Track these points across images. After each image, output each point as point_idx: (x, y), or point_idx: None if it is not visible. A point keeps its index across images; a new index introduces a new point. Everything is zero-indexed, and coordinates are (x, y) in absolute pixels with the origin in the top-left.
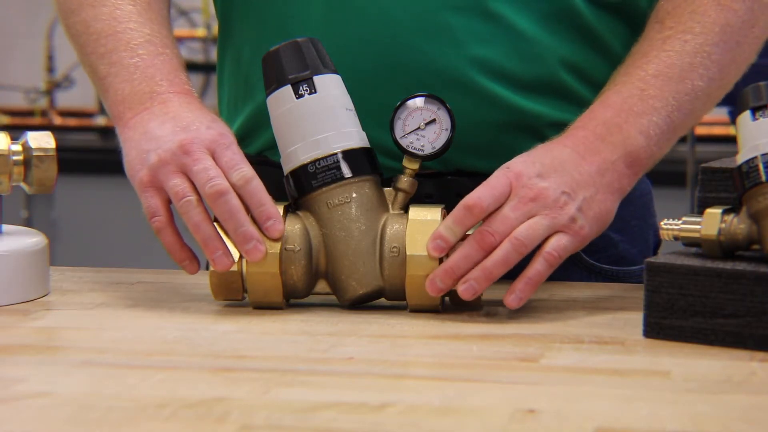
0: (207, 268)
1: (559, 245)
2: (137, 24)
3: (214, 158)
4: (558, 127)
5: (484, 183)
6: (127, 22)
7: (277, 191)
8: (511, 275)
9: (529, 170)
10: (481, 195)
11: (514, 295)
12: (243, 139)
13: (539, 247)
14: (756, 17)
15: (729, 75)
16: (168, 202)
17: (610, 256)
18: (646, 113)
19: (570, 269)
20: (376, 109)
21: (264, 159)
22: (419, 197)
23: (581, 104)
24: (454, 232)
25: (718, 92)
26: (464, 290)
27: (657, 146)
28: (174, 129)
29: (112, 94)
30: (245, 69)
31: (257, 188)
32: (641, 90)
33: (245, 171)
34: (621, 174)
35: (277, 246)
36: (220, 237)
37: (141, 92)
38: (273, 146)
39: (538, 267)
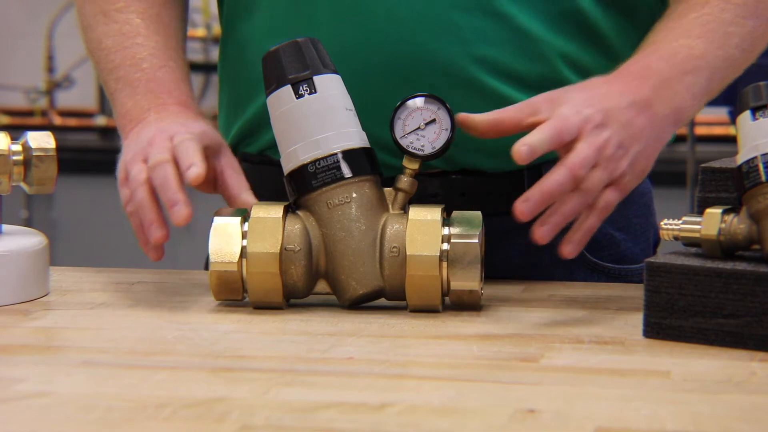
0: (207, 268)
1: (609, 201)
2: (143, 38)
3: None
4: None
5: (559, 118)
6: (134, 37)
7: (278, 190)
8: (511, 270)
9: (594, 118)
10: (561, 126)
11: (572, 245)
12: (245, 138)
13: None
14: None
15: (757, 50)
16: None
17: (612, 255)
18: (692, 72)
19: (573, 268)
20: (382, 108)
21: (266, 158)
22: (425, 197)
23: None
24: (543, 147)
25: (745, 65)
26: (542, 233)
27: (697, 107)
28: (154, 131)
29: (118, 108)
30: (248, 69)
31: (187, 146)
32: (689, 48)
33: (184, 136)
34: (666, 130)
35: (277, 246)
36: (157, 209)
37: (141, 107)
38: (275, 145)
39: (593, 220)
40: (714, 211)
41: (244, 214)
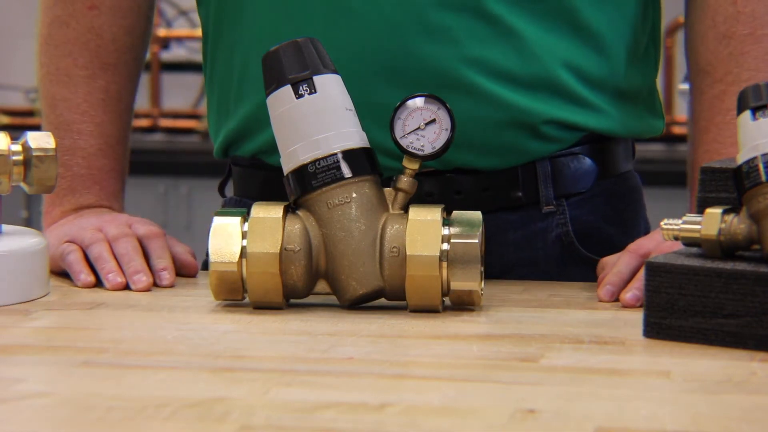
0: (206, 269)
1: None
2: (95, 126)
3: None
4: (555, 124)
5: (619, 267)
6: (84, 123)
7: (270, 193)
8: (510, 274)
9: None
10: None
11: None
12: (235, 142)
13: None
14: None
15: None
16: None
17: (605, 248)
18: None
19: (567, 262)
20: (376, 110)
21: (257, 161)
22: (420, 195)
23: (578, 101)
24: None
25: None
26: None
27: None
28: (94, 220)
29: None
30: (237, 73)
31: (159, 243)
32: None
33: (150, 227)
34: None
35: (277, 246)
36: (115, 260)
37: (70, 204)
38: (266, 149)
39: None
40: (714, 211)
41: (244, 214)
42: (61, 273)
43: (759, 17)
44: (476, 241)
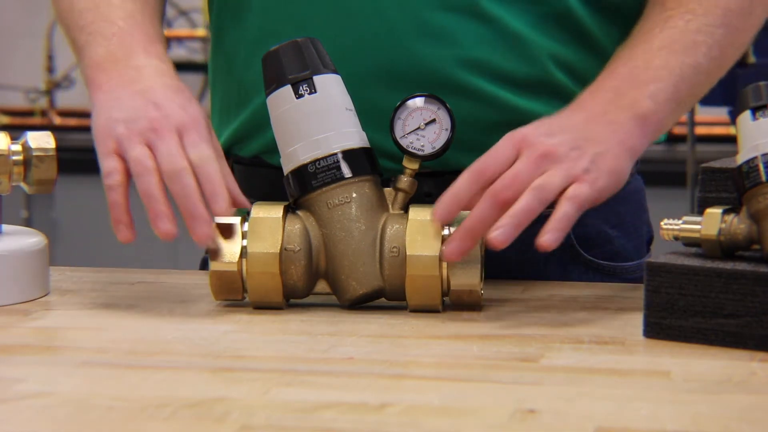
0: (205, 268)
1: (578, 193)
2: (120, 1)
3: (180, 137)
4: None
5: (488, 151)
6: (109, 1)
7: (271, 191)
8: (509, 274)
9: (536, 131)
10: (486, 161)
11: (547, 235)
12: (238, 142)
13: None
14: (753, 6)
15: (728, 58)
16: (128, 171)
17: (606, 252)
18: (653, 81)
19: (568, 266)
20: (372, 110)
21: (259, 161)
22: (418, 196)
23: None
24: (459, 198)
25: (718, 73)
26: (496, 237)
27: (665, 112)
28: (146, 103)
29: (87, 58)
30: (239, 73)
31: (212, 170)
32: (647, 61)
33: (204, 151)
34: (631, 133)
35: (277, 246)
36: (167, 202)
37: (115, 57)
38: (268, 150)
39: (565, 209)
40: (714, 211)
41: (244, 214)
42: (62, 264)
43: None
44: None
